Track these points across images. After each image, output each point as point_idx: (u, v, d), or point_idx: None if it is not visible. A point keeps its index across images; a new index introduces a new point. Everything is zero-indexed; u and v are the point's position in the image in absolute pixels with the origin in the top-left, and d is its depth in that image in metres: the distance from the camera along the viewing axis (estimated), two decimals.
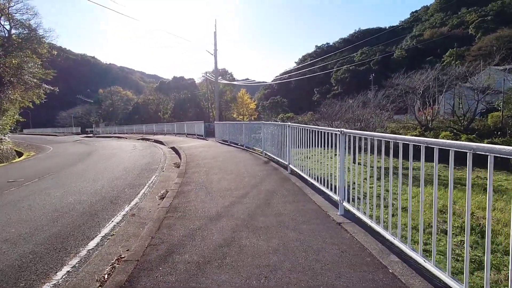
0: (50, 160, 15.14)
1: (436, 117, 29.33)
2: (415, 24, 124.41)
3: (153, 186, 7.29)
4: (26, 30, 26.01)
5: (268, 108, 56.11)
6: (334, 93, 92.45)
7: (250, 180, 6.51)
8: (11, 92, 20.11)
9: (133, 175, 8.90)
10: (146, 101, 66.55)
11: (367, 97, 45.98)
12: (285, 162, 7.24)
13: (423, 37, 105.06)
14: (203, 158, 10.37)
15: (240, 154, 10.83)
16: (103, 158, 14.13)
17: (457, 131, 24.23)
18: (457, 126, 25.14)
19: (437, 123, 27.99)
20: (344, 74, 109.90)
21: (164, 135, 28.17)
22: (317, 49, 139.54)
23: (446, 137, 20.39)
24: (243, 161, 9.14)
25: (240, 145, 13.38)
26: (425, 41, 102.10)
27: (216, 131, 18.14)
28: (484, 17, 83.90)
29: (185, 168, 8.67)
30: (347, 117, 32.81)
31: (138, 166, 10.69)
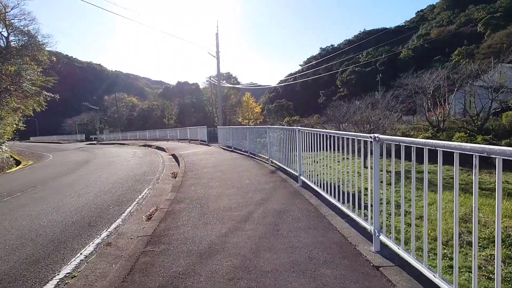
0: (44, 170, 14.33)
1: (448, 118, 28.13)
2: (421, 23, 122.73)
3: (142, 202, 6.32)
4: (26, 37, 25.57)
5: (274, 111, 55.13)
6: (340, 95, 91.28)
7: (254, 195, 5.49)
8: (8, 100, 19.46)
9: (124, 188, 7.95)
10: (151, 107, 66.13)
11: (375, 98, 44.73)
12: (295, 172, 6.21)
13: (430, 36, 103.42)
14: (203, 167, 9.39)
15: (244, 162, 9.83)
16: (98, 167, 13.26)
17: (471, 131, 22.98)
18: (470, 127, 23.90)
19: (449, 124, 26.83)
20: (350, 76, 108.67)
21: (167, 141, 27.35)
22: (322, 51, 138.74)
23: (460, 138, 19.22)
24: (247, 171, 8.13)
25: (244, 151, 12.38)
26: (432, 40, 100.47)
27: (219, 136, 17.19)
28: (493, 14, 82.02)
29: (181, 179, 7.70)
30: (356, 119, 31.69)
31: (133, 176, 9.75)
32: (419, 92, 32.28)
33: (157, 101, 66.68)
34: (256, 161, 9.85)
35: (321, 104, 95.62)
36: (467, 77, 28.06)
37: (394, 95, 36.50)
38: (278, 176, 7.04)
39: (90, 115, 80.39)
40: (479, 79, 26.48)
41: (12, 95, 19.67)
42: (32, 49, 25.51)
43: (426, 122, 29.37)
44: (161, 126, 54.24)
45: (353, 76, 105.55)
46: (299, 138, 5.79)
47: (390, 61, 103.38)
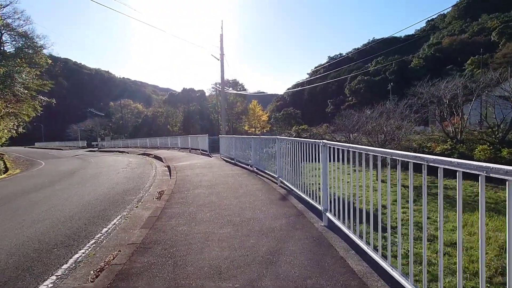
0: (23, 182, 12.71)
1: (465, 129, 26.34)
2: (432, 33, 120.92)
3: (102, 242, 4.53)
4: (22, 38, 24.42)
5: (281, 120, 53.40)
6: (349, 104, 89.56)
7: (258, 242, 3.66)
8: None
9: (92, 213, 6.20)
10: (155, 113, 65.04)
11: (386, 107, 42.81)
12: (316, 204, 4.39)
13: (442, 45, 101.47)
14: (195, 186, 7.59)
15: (247, 181, 8.02)
16: (82, 180, 11.58)
17: (491, 143, 21.12)
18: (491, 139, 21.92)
19: (467, 135, 25.01)
20: (359, 85, 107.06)
21: (168, 149, 25.72)
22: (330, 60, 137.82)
23: (483, 151, 17.38)
24: (250, 194, 6.32)
25: (249, 165, 10.59)
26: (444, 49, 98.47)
27: (221, 146, 15.44)
28: (508, 23, 79.79)
29: (165, 204, 5.92)
30: (368, 128, 29.86)
31: (112, 195, 8.01)
32: (434, 101, 30.45)
33: (162, 108, 65.58)
34: (262, 179, 8.03)
35: (329, 113, 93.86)
36: (486, 86, 26.17)
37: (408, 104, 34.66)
38: (291, 205, 5.20)
39: (95, 121, 79.75)
40: (499, 87, 24.59)
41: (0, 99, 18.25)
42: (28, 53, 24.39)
43: (441, 133, 27.43)
44: (166, 133, 52.84)
45: (362, 85, 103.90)
46: (325, 157, 3.99)
47: (400, 70, 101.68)
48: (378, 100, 44.92)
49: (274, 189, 6.63)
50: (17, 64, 20.28)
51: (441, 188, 1.87)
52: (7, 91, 19.91)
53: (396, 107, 32.07)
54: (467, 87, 29.13)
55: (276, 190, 6.56)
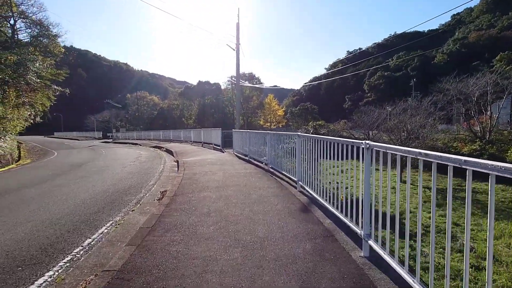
0: (28, 173, 12.18)
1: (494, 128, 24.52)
2: (458, 27, 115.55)
3: (79, 260, 3.64)
4: (37, 27, 24.13)
5: (297, 115, 51.99)
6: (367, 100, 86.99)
7: (275, 280, 2.65)
8: (8, 93, 17.71)
9: (84, 215, 5.37)
10: (171, 106, 64.83)
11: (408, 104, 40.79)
12: (355, 227, 3.32)
13: (468, 40, 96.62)
14: (202, 188, 6.65)
15: (261, 183, 7.01)
16: (87, 174, 10.89)
17: None
18: None
19: (496, 135, 23.24)
20: (378, 80, 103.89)
21: (180, 143, 25.05)
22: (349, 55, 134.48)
23: None
24: (264, 202, 5.32)
25: (263, 162, 9.59)
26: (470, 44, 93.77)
27: (234, 141, 14.49)
28: None
29: (163, 210, 5.00)
30: (389, 125, 28.20)
31: (111, 193, 7.20)
32: (461, 98, 28.76)
33: (177, 100, 65.28)
34: (279, 182, 7.00)
35: (347, 109, 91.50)
36: None
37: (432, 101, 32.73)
38: (316, 220, 4.15)
39: (112, 113, 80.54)
40: None
41: (11, 87, 17.87)
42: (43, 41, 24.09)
43: (467, 132, 25.83)
44: (181, 126, 52.42)
45: (382, 80, 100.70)
46: (369, 164, 2.92)
47: (423, 66, 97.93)
48: (399, 97, 42.70)
49: (293, 195, 5.60)
50: (30, 52, 19.87)
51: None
52: (20, 79, 19.57)
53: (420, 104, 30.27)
54: (498, 84, 27.08)
55: (295, 196, 5.52)
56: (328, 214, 4.31)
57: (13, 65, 18.30)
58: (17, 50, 19.19)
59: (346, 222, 3.47)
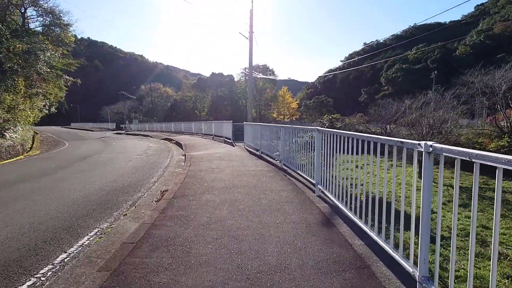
0: (32, 165, 11.72)
1: None
2: (482, 18, 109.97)
3: (43, 284, 2.91)
4: (49, 15, 23.74)
5: (312, 108, 50.61)
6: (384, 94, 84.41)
7: None
8: (17, 83, 17.36)
9: (69, 220, 4.68)
10: (184, 98, 64.41)
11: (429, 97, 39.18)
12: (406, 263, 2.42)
13: (493, 31, 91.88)
14: (206, 189, 5.85)
15: (273, 183, 6.16)
16: (89, 167, 10.32)
17: None
18: None
19: None
20: (396, 73, 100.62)
21: (191, 135, 24.44)
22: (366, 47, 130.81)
23: None
24: (276, 210, 4.46)
25: (275, 159, 8.73)
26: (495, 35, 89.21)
27: (246, 134, 13.66)
28: None
29: (155, 217, 4.23)
30: (410, 119, 26.84)
31: (107, 192, 6.51)
32: (487, 92, 27.34)
33: (191, 92, 64.78)
34: (293, 183, 6.13)
35: (362, 103, 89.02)
36: None
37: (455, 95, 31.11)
38: (343, 241, 3.25)
39: (127, 105, 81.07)
40: None
41: (20, 76, 17.52)
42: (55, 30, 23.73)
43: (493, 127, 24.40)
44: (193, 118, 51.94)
45: (400, 73, 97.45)
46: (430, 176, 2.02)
47: (443, 58, 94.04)
48: (418, 90, 40.88)
49: (311, 202, 4.72)
50: (40, 41, 19.49)
51: None
52: (30, 69, 19.25)
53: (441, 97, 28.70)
54: None
55: (314, 203, 4.64)
56: (356, 230, 3.42)
57: (22, 53, 17.95)
58: (27, 39, 18.83)
59: (388, 250, 2.57)
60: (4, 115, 16.62)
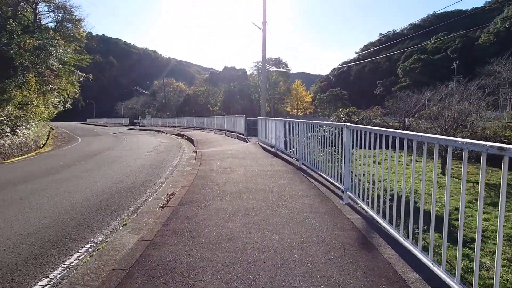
0: (40, 163, 11.37)
1: None
2: (507, 4, 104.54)
3: None
4: (60, 11, 23.50)
5: (326, 101, 49.33)
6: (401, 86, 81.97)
7: None
8: (28, 78, 17.16)
9: (60, 232, 4.11)
10: (196, 92, 64.11)
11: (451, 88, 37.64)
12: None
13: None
14: (216, 193, 5.18)
15: (293, 187, 5.42)
16: (97, 165, 9.86)
17: None
18: None
19: None
20: (414, 64, 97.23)
21: (203, 130, 23.91)
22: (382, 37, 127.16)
23: None
24: (299, 223, 3.74)
25: (292, 156, 7.98)
26: None
27: (259, 130, 12.93)
28: None
29: (156, 232, 3.59)
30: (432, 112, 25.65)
31: (110, 195, 5.95)
32: None
33: (203, 87, 64.40)
34: (315, 185, 5.38)
35: (378, 95, 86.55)
36: None
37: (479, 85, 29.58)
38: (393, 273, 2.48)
39: (141, 100, 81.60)
40: None
41: (31, 72, 17.28)
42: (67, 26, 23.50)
43: None
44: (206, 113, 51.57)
45: (418, 64, 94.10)
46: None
47: (465, 48, 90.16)
48: (438, 81, 39.00)
49: (340, 212, 3.97)
50: (51, 37, 19.22)
51: None
52: (41, 65, 19.05)
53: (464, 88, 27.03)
54: None
55: (344, 213, 3.89)
56: (405, 255, 2.66)
57: (34, 50, 17.72)
58: (38, 35, 18.58)
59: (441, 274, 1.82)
60: (15, 112, 16.43)
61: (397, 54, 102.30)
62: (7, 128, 15.46)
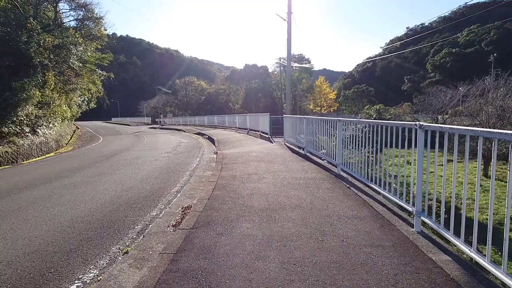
0: (55, 165, 10.84)
1: None
2: None
3: None
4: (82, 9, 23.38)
5: (351, 98, 47.24)
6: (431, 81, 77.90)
7: None
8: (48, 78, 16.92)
9: (56, 256, 3.24)
10: (217, 90, 63.62)
11: (488, 83, 34.89)
12: None
13: None
14: (242, 210, 4.14)
15: (338, 204, 4.29)
16: (111, 168, 9.15)
17: None
18: None
19: None
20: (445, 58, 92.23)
21: (225, 129, 23.09)
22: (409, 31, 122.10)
23: None
24: (361, 268, 2.63)
25: (322, 158, 6.84)
26: None
27: (286, 129, 11.82)
28: None
29: (160, 274, 2.61)
30: (471, 107, 23.70)
31: (118, 207, 5.09)
32: None
33: (224, 85, 63.82)
34: (365, 201, 4.23)
35: (405, 91, 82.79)
36: None
37: None
38: None
39: (162, 99, 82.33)
40: None
41: (50, 71, 17.03)
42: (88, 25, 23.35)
43: None
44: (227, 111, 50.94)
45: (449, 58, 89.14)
46: None
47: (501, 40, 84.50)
48: (471, 76, 35.88)
49: (416, 248, 2.82)
50: (70, 35, 18.97)
51: None
52: (62, 64, 18.85)
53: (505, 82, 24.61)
54: None
55: (421, 250, 2.75)
56: None
57: (54, 48, 17.49)
58: (58, 33, 18.37)
59: None
60: (36, 111, 16.22)
61: (426, 48, 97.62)
62: (27, 128, 15.23)
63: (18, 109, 14.49)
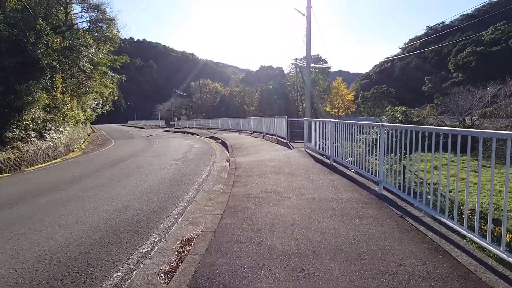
0: (54, 174, 10.00)
1: None
2: None
3: None
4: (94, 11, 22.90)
5: (371, 99, 45.28)
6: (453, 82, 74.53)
7: None
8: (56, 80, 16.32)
9: None
10: (232, 93, 62.85)
11: None
12: None
13: None
14: (259, 251, 2.97)
15: (397, 246, 3.04)
16: (112, 178, 8.17)
17: None
18: None
19: None
20: (468, 58, 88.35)
21: (239, 133, 22.01)
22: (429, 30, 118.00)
23: None
24: None
25: (351, 168, 5.57)
26: None
27: (306, 133, 10.55)
28: None
29: None
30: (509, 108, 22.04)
31: (101, 237, 4.02)
32: None
33: (239, 87, 62.96)
34: (435, 244, 2.98)
35: (426, 92, 79.54)
36: None
37: None
38: None
39: (178, 101, 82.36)
40: None
41: (57, 73, 16.41)
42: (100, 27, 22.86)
43: None
44: (242, 113, 50.00)
45: (473, 57, 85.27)
46: None
47: None
48: (498, 76, 33.41)
49: None
50: (80, 36, 18.39)
51: None
52: (72, 67, 18.28)
53: None
54: None
55: None
56: None
57: (63, 50, 16.91)
58: (68, 35, 17.81)
59: None
60: (43, 115, 15.60)
61: (448, 48, 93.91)
62: (33, 133, 14.58)
63: (23, 113, 13.85)
